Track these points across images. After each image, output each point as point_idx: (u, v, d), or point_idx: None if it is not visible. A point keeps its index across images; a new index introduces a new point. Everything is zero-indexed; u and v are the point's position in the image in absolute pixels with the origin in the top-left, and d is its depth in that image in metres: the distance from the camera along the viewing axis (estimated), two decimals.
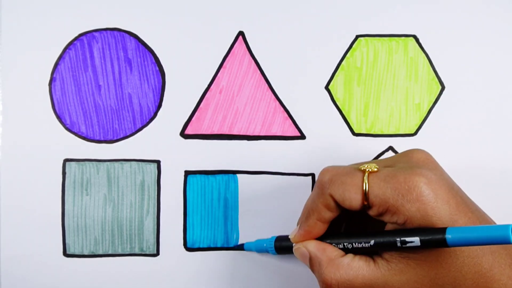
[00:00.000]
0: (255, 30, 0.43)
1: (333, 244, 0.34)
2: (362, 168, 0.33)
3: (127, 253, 0.43)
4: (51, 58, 0.43)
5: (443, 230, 0.29)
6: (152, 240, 0.43)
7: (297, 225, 0.37)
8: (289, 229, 0.43)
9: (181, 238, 0.43)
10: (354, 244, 0.33)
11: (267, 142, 0.43)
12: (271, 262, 0.43)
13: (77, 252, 0.43)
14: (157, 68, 0.43)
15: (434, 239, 0.29)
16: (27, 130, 0.42)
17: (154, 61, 0.43)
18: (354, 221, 0.37)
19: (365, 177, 0.32)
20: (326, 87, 0.43)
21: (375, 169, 0.32)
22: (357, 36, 0.43)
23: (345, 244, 0.34)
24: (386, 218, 0.32)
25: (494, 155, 0.42)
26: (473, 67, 0.43)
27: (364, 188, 0.32)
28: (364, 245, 0.33)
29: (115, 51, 0.43)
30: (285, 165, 0.43)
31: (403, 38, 0.43)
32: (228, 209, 0.43)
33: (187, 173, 0.43)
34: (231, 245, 0.43)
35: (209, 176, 0.43)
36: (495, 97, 0.43)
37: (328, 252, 0.34)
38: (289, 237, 0.37)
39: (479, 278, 0.31)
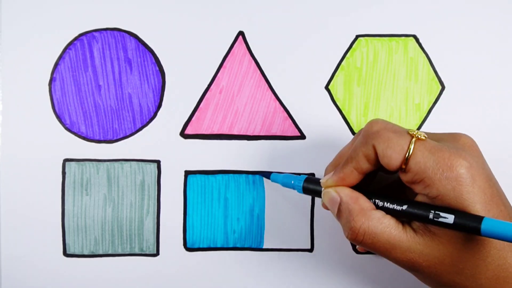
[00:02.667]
0: (255, 30, 0.43)
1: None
2: (411, 133, 0.32)
3: (127, 253, 0.43)
4: (51, 58, 0.43)
5: (479, 218, 0.29)
6: (152, 240, 0.43)
7: (325, 173, 0.37)
8: (289, 228, 0.43)
9: (181, 238, 0.43)
10: (386, 203, 0.33)
11: (267, 142, 0.43)
12: (271, 262, 0.43)
13: (77, 252, 0.43)
14: (157, 68, 0.43)
15: (469, 224, 0.29)
16: (27, 130, 0.42)
17: (154, 61, 0.43)
18: (382, 186, 0.37)
19: (412, 142, 0.32)
20: (326, 87, 0.43)
21: (423, 138, 0.32)
22: (357, 36, 0.43)
23: (377, 201, 0.34)
24: (418, 187, 0.32)
25: (494, 155, 0.42)
26: (473, 67, 0.43)
27: (407, 152, 0.32)
28: (395, 207, 0.33)
29: (115, 51, 0.43)
30: (285, 165, 0.43)
31: (403, 38, 0.43)
32: (228, 209, 0.43)
33: (187, 173, 0.43)
34: (231, 245, 0.43)
35: (209, 176, 0.43)
36: (495, 97, 0.43)
37: (360, 201, 0.33)
38: (321, 181, 0.36)
39: (500, 272, 0.31)
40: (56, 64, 0.43)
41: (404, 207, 0.32)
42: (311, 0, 0.43)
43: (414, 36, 0.43)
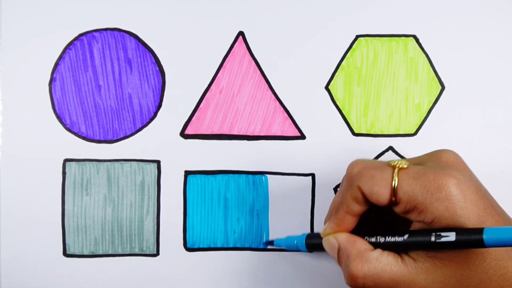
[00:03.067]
0: (255, 30, 0.43)
1: (365, 238, 0.34)
2: (392, 164, 0.33)
3: (127, 253, 0.43)
4: (51, 58, 0.43)
5: (480, 230, 0.29)
6: (152, 240, 0.43)
7: (324, 223, 0.37)
8: (290, 228, 0.43)
9: (181, 238, 0.43)
10: (386, 238, 0.33)
11: (267, 142, 0.43)
12: (271, 262, 0.43)
13: (77, 252, 0.43)
14: (157, 68, 0.43)
15: (471, 238, 0.29)
16: (27, 130, 0.42)
17: (154, 61, 0.43)
18: (380, 221, 0.37)
19: (394, 173, 0.32)
20: (326, 87, 0.43)
21: (405, 166, 0.32)
22: (357, 36, 0.43)
23: (378, 237, 0.34)
24: (412, 216, 0.32)
25: (494, 155, 0.42)
26: (473, 67, 0.43)
27: (393, 184, 0.32)
28: (397, 240, 0.33)
29: (115, 51, 0.43)
30: (285, 165, 0.43)
31: (403, 38, 0.43)
32: (228, 209, 0.43)
33: (187, 173, 0.43)
34: (231, 245, 0.43)
35: (209, 176, 0.43)
36: (495, 97, 0.43)
37: (358, 244, 0.33)
38: (320, 231, 0.36)
39: (504, 281, 0.31)
40: (56, 64, 0.43)
41: (406, 236, 0.32)
42: (311, 0, 0.43)
43: (414, 36, 0.43)
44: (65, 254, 0.43)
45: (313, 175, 0.43)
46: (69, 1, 0.43)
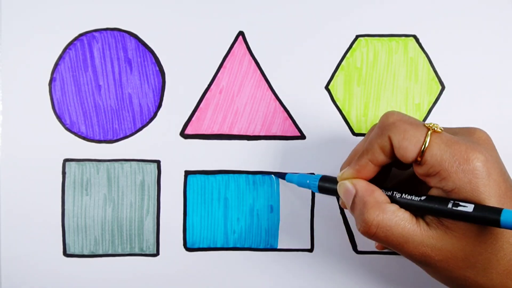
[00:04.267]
0: (255, 30, 0.43)
1: (382, 190, 0.34)
2: (428, 125, 0.32)
3: (127, 253, 0.43)
4: (51, 58, 0.43)
5: (498, 210, 0.29)
6: (152, 240, 0.43)
7: (341, 170, 0.37)
8: (290, 228, 0.43)
9: (181, 238, 0.43)
10: (404, 195, 0.33)
11: (267, 142, 0.43)
12: (271, 262, 0.43)
13: (77, 252, 0.43)
14: (157, 68, 0.43)
15: (488, 216, 0.29)
16: (27, 130, 0.42)
17: (154, 61, 0.43)
18: (395, 183, 0.37)
19: (428, 134, 0.32)
20: (326, 87, 0.43)
21: (440, 130, 0.32)
22: (357, 36, 0.43)
23: (394, 192, 0.34)
24: (433, 181, 0.32)
25: None
26: (473, 67, 0.43)
27: (424, 144, 0.31)
28: (413, 199, 0.33)
29: (115, 51, 0.43)
30: (285, 165, 0.43)
31: (403, 38, 0.43)
32: (228, 209, 0.43)
33: (187, 173, 0.43)
34: (231, 245, 0.43)
35: (209, 176, 0.43)
36: (495, 97, 0.43)
37: (376, 194, 0.33)
38: (337, 175, 0.36)
39: (511, 267, 0.31)
40: (56, 64, 0.43)
41: (423, 198, 0.32)
42: (311, 0, 0.43)
43: (414, 36, 0.43)
44: (65, 254, 0.43)
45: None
46: (69, 1, 0.43)
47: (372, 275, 0.43)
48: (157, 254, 0.43)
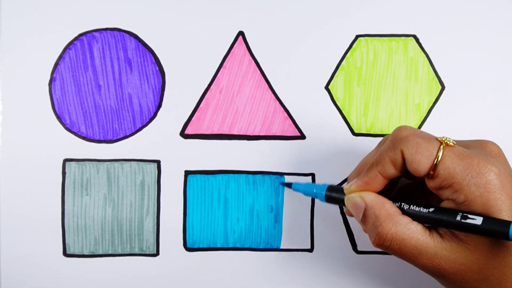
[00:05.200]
0: (255, 30, 0.43)
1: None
2: (440, 139, 0.32)
3: (127, 253, 0.43)
4: (51, 58, 0.43)
5: (508, 223, 0.29)
6: (152, 240, 0.43)
7: (348, 181, 0.37)
8: (290, 228, 0.43)
9: (181, 238, 0.43)
10: (413, 207, 0.33)
11: (267, 142, 0.43)
12: (271, 262, 0.43)
13: (77, 252, 0.43)
14: (157, 68, 0.43)
15: (497, 229, 0.29)
16: (27, 130, 0.42)
17: (154, 61, 0.43)
18: (401, 196, 0.37)
19: (440, 148, 0.32)
20: (326, 87, 0.43)
21: (452, 144, 0.32)
22: (357, 36, 0.43)
23: (403, 205, 0.33)
24: (445, 193, 0.32)
25: None
26: (473, 67, 0.43)
27: (437, 157, 0.32)
28: (422, 210, 0.33)
29: (115, 51, 0.43)
30: (285, 165, 0.43)
31: (403, 38, 0.43)
32: (228, 209, 0.43)
33: (187, 173, 0.43)
34: (231, 245, 0.43)
35: (209, 176, 0.43)
36: (495, 97, 0.43)
37: (387, 206, 0.33)
38: (344, 187, 0.36)
39: None
40: (56, 64, 0.43)
41: (431, 209, 0.32)
42: (311, 0, 0.43)
43: (414, 36, 0.43)
44: (65, 254, 0.43)
45: (313, 175, 0.43)
46: (69, 1, 0.43)
47: (372, 275, 0.43)
48: (157, 254, 0.43)
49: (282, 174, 0.43)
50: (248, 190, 0.43)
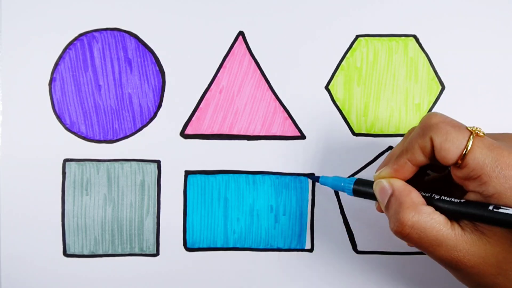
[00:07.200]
0: (255, 30, 0.43)
1: (420, 192, 0.34)
2: (470, 128, 0.32)
3: (127, 253, 0.43)
4: (51, 58, 0.43)
5: None
6: (152, 240, 0.43)
7: (376, 172, 0.37)
8: (290, 228, 0.43)
9: (181, 238, 0.43)
10: (442, 197, 0.33)
11: (267, 142, 0.43)
12: (271, 262, 0.43)
13: (77, 252, 0.43)
14: (157, 68, 0.43)
15: None
16: (27, 130, 0.42)
17: (154, 61, 0.43)
18: (429, 186, 0.37)
19: (471, 137, 0.31)
20: (326, 87, 0.43)
21: (482, 134, 0.32)
22: (357, 36, 0.43)
23: (433, 195, 0.33)
24: (472, 185, 0.32)
25: None
26: (473, 67, 0.43)
27: (466, 147, 0.31)
28: (452, 201, 0.32)
29: (115, 51, 0.43)
30: (285, 165, 0.43)
31: (403, 38, 0.43)
32: (228, 209, 0.43)
33: (187, 173, 0.43)
34: (231, 245, 0.43)
35: (209, 176, 0.43)
36: (495, 97, 0.43)
37: (413, 195, 0.33)
38: (374, 174, 0.36)
39: None
40: (56, 64, 0.43)
41: (462, 201, 0.32)
42: (311, 0, 0.43)
43: (414, 36, 0.43)
44: (65, 254, 0.43)
45: (313, 175, 0.43)
46: (69, 1, 0.43)
47: (372, 275, 0.43)
48: (157, 254, 0.43)
49: (282, 174, 0.43)
50: (248, 190, 0.43)
